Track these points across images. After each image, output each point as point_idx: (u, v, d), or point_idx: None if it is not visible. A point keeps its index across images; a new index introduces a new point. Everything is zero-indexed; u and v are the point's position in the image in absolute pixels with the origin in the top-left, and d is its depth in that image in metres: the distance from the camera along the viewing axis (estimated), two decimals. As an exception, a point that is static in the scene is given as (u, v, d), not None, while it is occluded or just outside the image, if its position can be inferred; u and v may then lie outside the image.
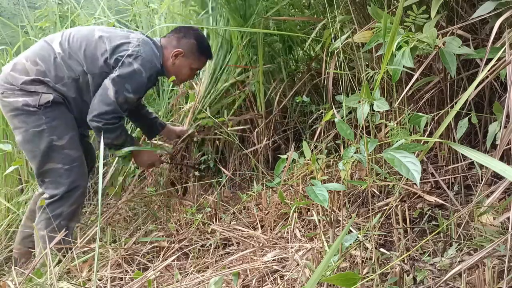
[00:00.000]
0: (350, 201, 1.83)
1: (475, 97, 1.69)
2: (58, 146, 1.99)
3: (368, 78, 1.70)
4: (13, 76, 1.99)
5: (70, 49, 2.03)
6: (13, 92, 1.97)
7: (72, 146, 2.03)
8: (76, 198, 2.04)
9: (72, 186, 2.01)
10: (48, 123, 1.97)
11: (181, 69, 2.20)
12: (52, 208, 2.00)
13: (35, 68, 2.00)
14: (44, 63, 2.00)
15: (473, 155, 0.96)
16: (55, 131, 1.99)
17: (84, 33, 2.07)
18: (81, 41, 2.04)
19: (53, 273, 1.49)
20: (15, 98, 1.97)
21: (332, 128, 2.25)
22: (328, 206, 1.22)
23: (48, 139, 1.97)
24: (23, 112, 1.97)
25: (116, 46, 2.04)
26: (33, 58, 2.02)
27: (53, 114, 1.99)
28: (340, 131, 1.26)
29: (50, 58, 2.01)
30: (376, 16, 1.55)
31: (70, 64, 2.02)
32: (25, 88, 1.97)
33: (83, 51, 2.03)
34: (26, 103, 1.95)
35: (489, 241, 1.29)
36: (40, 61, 2.01)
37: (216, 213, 2.13)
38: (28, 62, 2.01)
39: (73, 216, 2.06)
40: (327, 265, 1.11)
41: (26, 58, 2.04)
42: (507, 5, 1.34)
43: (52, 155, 1.99)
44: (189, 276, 1.59)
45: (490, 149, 1.49)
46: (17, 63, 2.03)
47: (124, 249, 1.91)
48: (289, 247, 1.58)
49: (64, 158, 2.01)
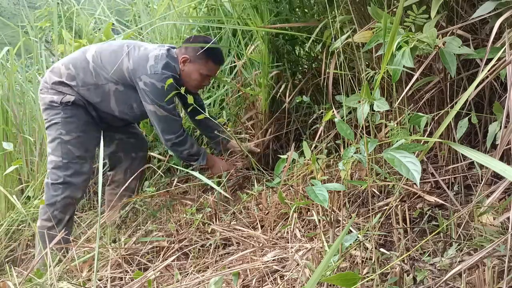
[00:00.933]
0: (350, 201, 1.83)
1: (475, 97, 1.69)
2: (63, 140, 2.22)
3: (368, 78, 1.70)
4: (49, 76, 2.29)
5: (102, 62, 2.26)
6: (47, 89, 2.27)
7: (77, 145, 2.23)
8: (71, 192, 2.21)
9: (66, 180, 2.20)
10: (64, 118, 2.22)
11: (190, 75, 2.31)
12: (48, 196, 2.20)
13: (67, 72, 2.27)
14: (75, 69, 2.26)
15: (473, 155, 0.95)
16: (66, 126, 2.22)
17: (114, 48, 2.29)
18: (110, 56, 2.27)
19: (53, 273, 1.49)
20: (47, 94, 2.26)
21: (332, 128, 2.25)
22: (328, 206, 1.22)
23: (57, 132, 2.22)
24: (49, 106, 2.24)
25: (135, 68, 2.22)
26: (67, 64, 2.29)
27: (70, 112, 2.23)
28: (340, 131, 1.26)
29: (82, 65, 2.27)
30: (376, 16, 1.55)
31: (98, 73, 2.25)
32: (55, 87, 2.25)
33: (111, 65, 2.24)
34: (52, 100, 2.23)
35: (489, 241, 1.29)
36: (72, 66, 2.27)
37: (216, 213, 2.13)
38: (63, 67, 2.29)
39: (66, 209, 2.21)
40: (327, 265, 1.11)
41: (62, 63, 2.32)
42: (507, 5, 1.34)
43: (56, 147, 2.22)
44: (189, 276, 1.59)
45: (490, 149, 1.49)
46: (55, 67, 2.32)
47: (124, 249, 1.91)
48: (289, 247, 1.58)
49: (65, 153, 2.21)
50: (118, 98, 2.29)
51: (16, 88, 3.22)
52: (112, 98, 2.28)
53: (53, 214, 2.16)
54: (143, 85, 2.20)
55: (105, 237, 2.15)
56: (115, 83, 2.25)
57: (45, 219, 2.17)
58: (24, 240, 2.49)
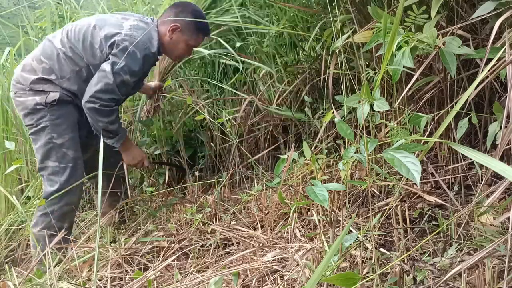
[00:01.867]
0: (350, 201, 1.83)
1: (475, 97, 1.69)
2: (57, 144, 2.04)
3: (368, 78, 1.70)
4: (23, 76, 2.06)
5: (70, 43, 2.06)
6: (25, 91, 2.04)
7: (71, 146, 2.06)
8: (68, 199, 2.05)
9: (65, 186, 2.03)
10: (51, 120, 2.03)
11: (177, 45, 2.15)
12: (46, 205, 2.02)
13: (41, 67, 2.05)
14: (49, 60, 2.05)
15: (473, 155, 0.95)
16: (56, 129, 2.03)
17: (81, 26, 2.09)
18: (78, 34, 2.06)
19: (53, 273, 1.49)
20: (26, 97, 2.04)
21: (332, 128, 2.25)
22: (328, 206, 1.22)
23: (48, 136, 2.03)
24: (32, 110, 2.03)
25: (110, 35, 2.03)
26: (38, 57, 2.07)
27: (58, 113, 2.04)
28: (340, 131, 1.26)
29: (53, 55, 2.05)
30: (376, 16, 1.55)
31: (72, 58, 2.05)
32: (33, 87, 2.03)
33: (81, 44, 2.05)
34: (36, 102, 2.02)
35: (489, 241, 1.29)
36: (44, 58, 2.05)
37: (216, 213, 2.13)
38: (34, 62, 2.07)
39: (64, 217, 2.07)
40: (327, 265, 1.11)
41: (32, 58, 2.09)
42: (507, 5, 1.34)
43: (50, 152, 2.04)
44: (189, 276, 1.59)
45: (490, 149, 1.49)
46: (26, 64, 2.09)
47: (124, 249, 1.91)
48: (289, 247, 1.58)
49: (60, 157, 2.05)
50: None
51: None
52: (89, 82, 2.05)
53: (50, 224, 2.01)
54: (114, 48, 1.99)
55: (105, 237, 2.15)
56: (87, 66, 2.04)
57: (42, 228, 2.03)
58: (24, 240, 2.49)
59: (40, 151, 2.05)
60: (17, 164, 2.47)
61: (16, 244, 2.49)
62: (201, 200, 2.32)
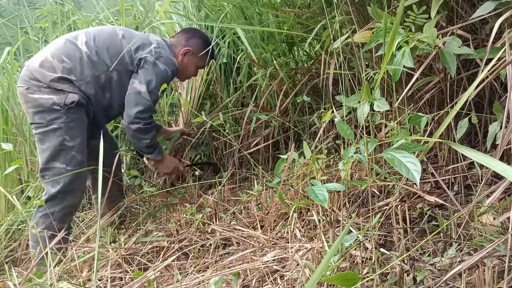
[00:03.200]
0: (350, 201, 1.83)
1: (475, 97, 1.69)
2: (68, 146, 2.04)
3: (368, 78, 1.70)
4: (41, 73, 2.02)
5: (97, 48, 2.10)
6: (39, 88, 2.01)
7: (80, 150, 2.07)
8: (69, 201, 2.06)
9: (68, 188, 2.04)
10: (66, 123, 2.02)
11: (188, 67, 2.33)
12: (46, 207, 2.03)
13: (62, 65, 2.04)
14: (71, 61, 2.06)
15: (473, 155, 0.95)
16: (69, 132, 2.04)
17: (107, 33, 2.17)
18: (105, 40, 2.13)
19: (53, 273, 1.49)
20: (41, 95, 2.01)
21: (332, 128, 2.25)
22: (328, 206, 1.22)
23: (60, 138, 2.02)
24: (46, 109, 2.01)
25: (138, 47, 2.15)
26: (59, 56, 2.06)
27: (73, 116, 2.04)
28: (340, 131, 1.26)
29: (76, 56, 2.07)
30: (376, 16, 1.55)
31: (95, 62, 2.09)
32: (52, 85, 2.01)
33: (108, 50, 2.12)
34: (53, 101, 2.00)
35: (489, 241, 1.29)
36: (66, 58, 2.06)
37: (216, 213, 2.13)
38: (55, 59, 2.05)
39: (65, 219, 2.07)
40: (327, 265, 1.11)
41: (52, 55, 2.06)
42: (507, 5, 1.34)
43: (59, 154, 2.03)
44: (189, 276, 1.59)
45: (490, 149, 1.49)
46: (44, 61, 2.05)
47: (124, 249, 1.91)
48: (289, 247, 1.58)
49: (69, 159, 2.04)
50: (112, 88, 2.14)
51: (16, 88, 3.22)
52: (106, 88, 2.13)
53: (51, 225, 2.02)
54: (144, 63, 2.11)
55: (105, 237, 2.15)
56: (111, 72, 2.10)
57: (43, 228, 2.03)
58: (24, 240, 2.49)
59: (48, 152, 2.03)
60: (17, 164, 2.47)
61: (16, 244, 2.49)
62: (201, 200, 2.32)
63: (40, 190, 2.77)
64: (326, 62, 2.14)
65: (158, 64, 2.13)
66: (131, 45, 2.13)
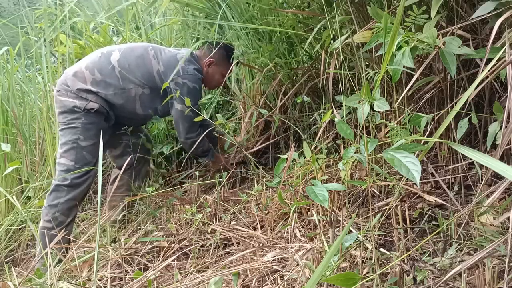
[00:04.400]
0: (350, 201, 1.83)
1: (475, 97, 1.69)
2: (80, 145, 2.23)
3: (368, 78, 1.70)
4: (72, 81, 2.27)
5: (128, 66, 2.31)
6: (67, 93, 2.25)
7: (91, 151, 2.25)
8: (74, 194, 2.21)
9: (74, 183, 2.20)
10: (84, 124, 2.24)
11: (214, 76, 2.54)
12: (52, 197, 2.20)
13: (92, 77, 2.28)
14: (101, 75, 2.28)
15: (473, 155, 0.95)
16: (85, 133, 2.23)
17: (139, 52, 2.37)
18: (136, 59, 2.34)
19: (53, 273, 1.49)
20: (67, 98, 2.25)
21: (332, 128, 2.25)
22: (328, 206, 1.22)
23: (75, 136, 2.22)
24: (69, 110, 2.24)
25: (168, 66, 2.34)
26: (92, 68, 2.29)
27: (91, 119, 2.25)
28: (340, 131, 1.26)
29: (108, 72, 2.29)
30: (376, 16, 1.55)
31: (126, 78, 2.29)
32: (78, 93, 2.25)
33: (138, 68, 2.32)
34: (75, 105, 2.23)
35: (489, 241, 1.29)
36: (97, 72, 2.28)
37: (216, 213, 2.13)
38: (87, 71, 2.29)
39: (69, 211, 2.21)
40: (327, 265, 1.11)
41: (86, 66, 2.30)
42: (507, 5, 1.34)
43: (71, 151, 2.22)
44: (189, 276, 1.59)
45: (490, 149, 1.49)
46: (78, 71, 2.29)
47: (124, 249, 1.91)
48: (289, 247, 1.58)
49: (79, 158, 2.22)
50: (144, 101, 2.36)
51: (16, 88, 3.22)
52: (137, 101, 2.35)
53: (54, 216, 2.17)
54: (174, 85, 2.31)
55: (105, 237, 2.15)
56: (142, 87, 2.33)
57: (46, 220, 2.17)
58: (24, 240, 2.49)
59: (64, 147, 2.24)
60: (15, 165, 2.50)
61: (16, 244, 2.49)
62: (201, 200, 2.32)
63: (40, 190, 2.77)
64: (326, 62, 2.14)
65: (188, 84, 2.35)
66: (159, 66, 2.34)
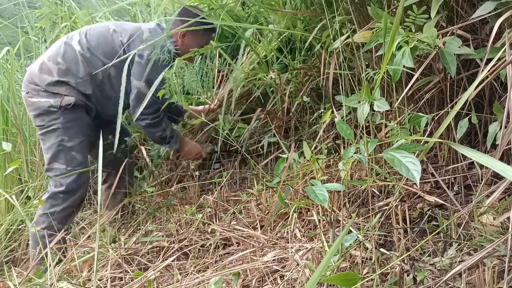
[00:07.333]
0: (350, 201, 1.83)
1: (475, 97, 1.69)
2: (66, 147, 2.07)
3: (368, 78, 1.70)
4: (38, 77, 2.08)
5: (89, 45, 2.09)
6: (38, 92, 2.07)
7: (80, 150, 2.10)
8: (71, 202, 2.10)
9: (70, 188, 2.08)
10: (63, 123, 2.06)
11: (190, 47, 2.23)
12: (48, 205, 2.07)
13: (57, 67, 2.07)
14: (65, 61, 2.08)
15: (473, 155, 0.95)
16: (67, 132, 2.07)
17: (100, 30, 2.15)
18: (97, 37, 2.12)
19: (53, 273, 1.49)
20: (39, 98, 2.06)
21: (332, 128, 2.25)
22: (328, 206, 1.22)
23: (58, 138, 2.06)
24: (45, 112, 2.06)
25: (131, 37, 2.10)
26: (54, 57, 2.09)
27: (70, 116, 2.08)
28: (340, 131, 1.26)
29: (71, 56, 2.08)
30: (376, 16, 1.55)
31: (90, 60, 2.09)
32: (49, 89, 2.06)
33: (100, 46, 2.10)
34: (49, 104, 2.05)
35: (489, 241, 1.29)
36: (61, 59, 2.08)
37: (216, 213, 2.13)
38: (50, 62, 2.09)
39: (65, 220, 2.11)
40: (327, 265, 1.11)
41: (48, 57, 2.11)
42: (507, 5, 1.34)
43: (59, 155, 2.08)
44: (189, 276, 1.59)
45: (490, 149, 1.49)
46: (42, 63, 2.11)
47: (124, 249, 1.91)
48: (289, 247, 1.58)
49: (69, 160, 2.08)
50: (113, 82, 2.15)
51: (16, 88, 3.22)
52: (106, 84, 2.15)
53: (50, 225, 2.06)
54: (138, 58, 2.09)
55: (105, 237, 2.15)
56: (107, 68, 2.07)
57: (43, 228, 2.07)
58: (24, 240, 2.49)
59: (50, 152, 2.08)
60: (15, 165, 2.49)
61: (16, 244, 2.49)
62: (201, 200, 2.32)
63: (40, 190, 2.77)
64: (326, 62, 2.14)
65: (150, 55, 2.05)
66: (122, 38, 2.11)
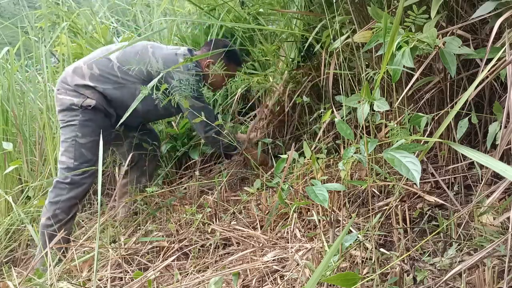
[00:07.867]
0: (350, 201, 1.83)
1: (475, 97, 1.69)
2: (78, 142, 2.22)
3: (368, 78, 1.70)
4: (71, 76, 2.27)
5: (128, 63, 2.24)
6: (66, 91, 2.26)
7: (90, 149, 2.24)
8: (76, 193, 2.21)
9: (74, 181, 2.20)
10: (81, 121, 2.23)
11: (215, 77, 2.41)
12: (53, 195, 2.20)
13: (90, 72, 2.27)
14: (99, 70, 2.27)
15: (473, 155, 0.95)
16: (82, 129, 2.22)
17: (138, 49, 2.33)
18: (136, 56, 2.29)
19: (53, 273, 1.49)
20: (66, 96, 2.25)
21: (332, 128, 2.25)
22: (328, 206, 1.22)
23: (73, 133, 2.22)
24: (67, 108, 2.24)
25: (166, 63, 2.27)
26: (90, 64, 2.29)
27: (89, 116, 2.24)
28: (340, 131, 1.26)
29: (106, 66, 2.28)
30: (376, 16, 1.55)
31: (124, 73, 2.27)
32: (77, 89, 2.25)
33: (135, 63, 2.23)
34: (72, 102, 2.23)
35: (489, 241, 1.29)
36: (95, 67, 2.28)
37: (216, 213, 2.13)
38: (85, 66, 2.29)
39: (69, 210, 2.22)
40: (327, 265, 1.11)
41: (84, 62, 2.31)
42: (507, 5, 1.34)
43: (70, 149, 2.22)
44: (189, 276, 1.59)
45: (490, 149, 1.49)
46: (77, 67, 2.30)
47: (124, 249, 1.91)
48: (289, 247, 1.58)
49: (78, 156, 2.22)
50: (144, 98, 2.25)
51: (16, 88, 3.22)
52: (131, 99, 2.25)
53: (55, 213, 2.17)
54: (177, 83, 2.27)
55: (105, 237, 2.15)
56: (142, 83, 2.25)
57: (47, 217, 2.18)
58: (24, 240, 2.49)
59: (64, 145, 2.24)
60: (16, 164, 2.50)
61: (16, 244, 2.49)
62: (201, 200, 2.32)
63: (40, 190, 2.77)
64: (326, 62, 2.14)
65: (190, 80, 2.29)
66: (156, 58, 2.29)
